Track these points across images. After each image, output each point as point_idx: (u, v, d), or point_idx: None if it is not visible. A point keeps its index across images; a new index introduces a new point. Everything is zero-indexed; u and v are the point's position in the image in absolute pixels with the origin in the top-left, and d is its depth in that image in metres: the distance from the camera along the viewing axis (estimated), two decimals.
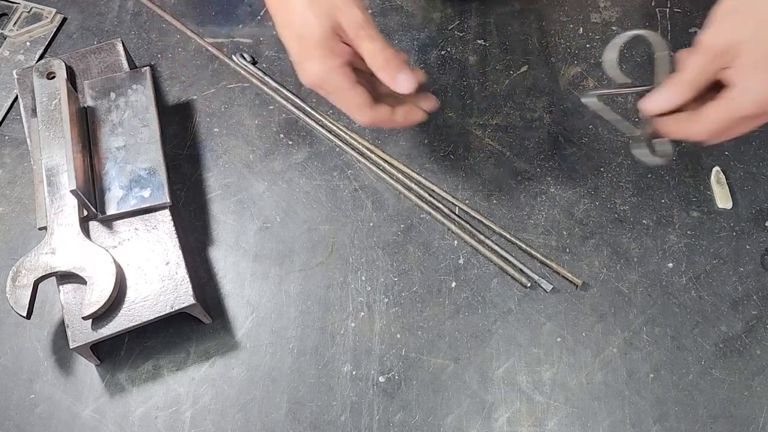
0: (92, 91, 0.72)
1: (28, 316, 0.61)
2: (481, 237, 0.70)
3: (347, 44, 0.59)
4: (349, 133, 0.76)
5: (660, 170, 0.73)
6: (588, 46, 0.81)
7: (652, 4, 0.83)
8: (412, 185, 0.73)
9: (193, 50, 0.83)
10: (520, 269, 0.68)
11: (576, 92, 0.78)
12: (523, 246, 0.70)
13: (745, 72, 0.53)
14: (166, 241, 0.65)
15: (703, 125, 0.55)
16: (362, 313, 0.67)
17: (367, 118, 0.60)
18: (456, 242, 0.70)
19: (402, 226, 0.71)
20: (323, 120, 0.77)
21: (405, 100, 0.63)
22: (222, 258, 0.70)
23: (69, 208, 0.65)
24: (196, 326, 0.67)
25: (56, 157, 0.67)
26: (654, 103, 0.57)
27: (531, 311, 0.67)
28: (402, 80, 0.59)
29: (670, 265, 0.69)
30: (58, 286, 0.64)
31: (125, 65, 0.75)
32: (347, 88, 0.59)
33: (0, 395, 0.64)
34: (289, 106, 0.78)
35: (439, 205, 0.72)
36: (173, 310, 0.62)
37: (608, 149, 0.74)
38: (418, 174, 0.74)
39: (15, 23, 0.84)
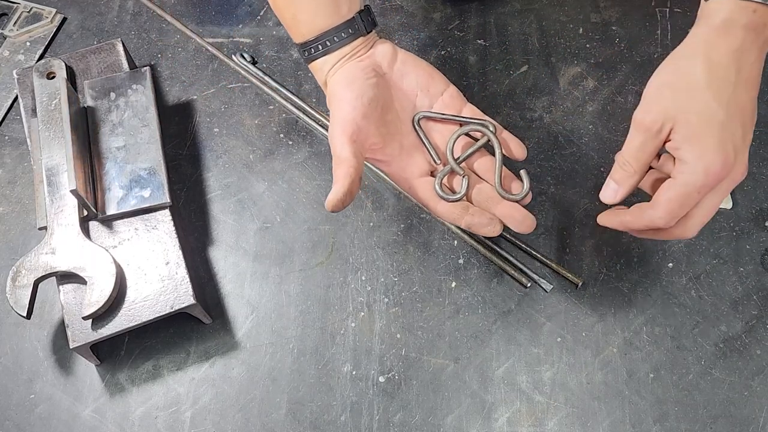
0: (92, 91, 0.72)
1: (28, 316, 0.61)
2: (481, 237, 0.70)
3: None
4: None
5: None
6: (588, 46, 0.81)
7: (652, 4, 0.83)
8: None
9: (193, 50, 0.83)
10: (520, 269, 0.68)
11: (576, 92, 0.78)
12: (523, 246, 0.70)
13: (686, 145, 0.53)
14: (166, 241, 0.65)
15: (662, 208, 0.54)
16: (362, 313, 0.67)
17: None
18: (456, 242, 0.70)
19: (402, 226, 0.71)
20: (323, 120, 0.77)
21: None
22: (222, 258, 0.70)
23: (69, 208, 0.65)
24: (196, 326, 0.67)
25: (56, 157, 0.67)
26: (610, 193, 0.58)
27: (531, 311, 0.67)
28: (328, 200, 0.57)
29: (670, 265, 0.69)
30: (58, 286, 0.64)
31: (125, 65, 0.75)
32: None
33: (0, 395, 0.64)
34: (289, 106, 0.78)
35: None
36: (173, 310, 0.62)
37: (608, 149, 0.74)
38: None
39: (15, 23, 0.84)
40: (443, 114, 0.64)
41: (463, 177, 0.62)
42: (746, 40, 0.52)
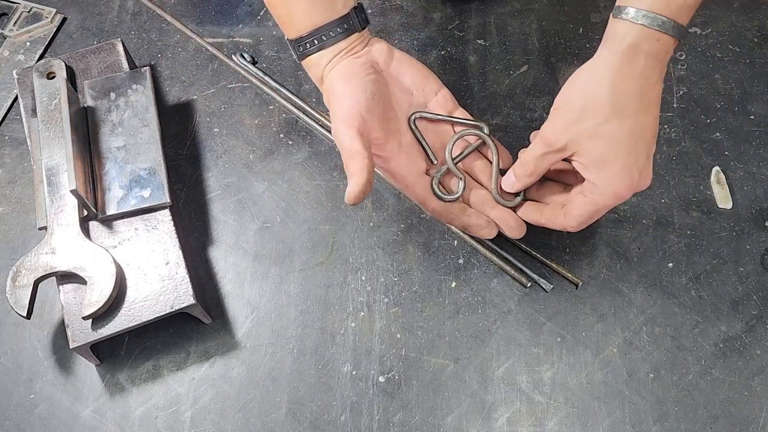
0: (92, 91, 0.72)
1: (28, 316, 0.61)
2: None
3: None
4: None
5: (660, 170, 0.73)
6: (588, 46, 0.81)
7: None
8: None
9: (193, 50, 0.83)
10: (520, 269, 0.68)
11: None
12: (523, 246, 0.69)
13: (594, 169, 0.57)
14: (166, 241, 0.65)
15: (572, 218, 0.60)
16: (362, 313, 0.67)
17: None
18: (456, 242, 0.70)
19: (402, 226, 0.71)
20: (323, 120, 0.77)
21: None
22: (222, 258, 0.70)
23: (69, 208, 0.65)
24: (196, 326, 0.67)
25: (56, 157, 0.67)
26: (508, 183, 0.63)
27: (531, 311, 0.67)
28: (347, 192, 0.58)
29: (670, 265, 0.69)
30: (58, 286, 0.64)
31: (125, 65, 0.75)
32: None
33: (0, 395, 0.64)
34: (289, 106, 0.78)
35: None
36: (173, 310, 0.62)
37: None
38: None
39: (15, 23, 0.84)
40: (438, 114, 0.64)
41: (460, 179, 0.62)
42: (647, 67, 0.55)
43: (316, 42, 0.60)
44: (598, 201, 0.57)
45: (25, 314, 0.61)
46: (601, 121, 0.55)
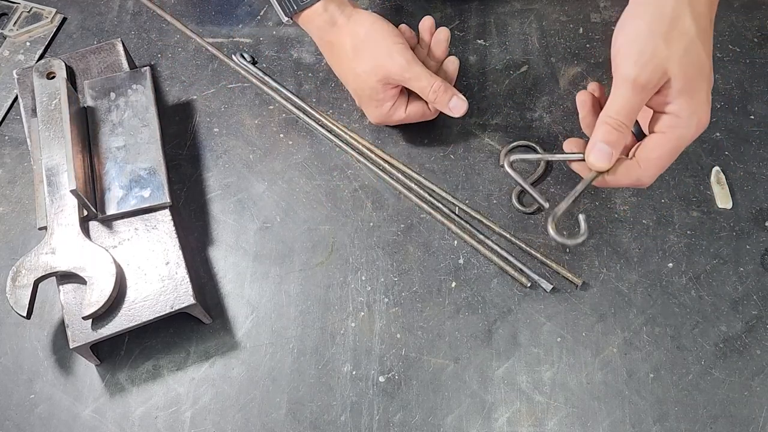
0: (92, 91, 0.72)
1: (28, 316, 0.61)
2: (481, 237, 0.70)
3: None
4: (349, 133, 0.76)
5: None
6: (588, 46, 0.81)
7: None
8: (412, 185, 0.73)
9: (193, 50, 0.83)
10: (520, 269, 0.68)
11: (576, 92, 0.78)
12: (523, 246, 0.70)
13: (680, 99, 0.52)
14: (166, 241, 0.65)
15: (651, 164, 0.54)
16: (362, 313, 0.67)
17: (430, 117, 0.72)
18: (456, 242, 0.70)
19: (402, 226, 0.71)
20: (323, 120, 0.77)
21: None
22: (222, 258, 0.70)
23: (69, 208, 0.65)
24: (196, 326, 0.67)
25: (56, 157, 0.67)
26: (605, 158, 0.55)
27: (531, 311, 0.67)
28: (454, 107, 0.68)
29: (670, 265, 0.69)
30: (58, 286, 0.64)
31: (125, 65, 0.75)
32: (403, 119, 0.71)
33: (0, 395, 0.64)
34: (289, 106, 0.78)
35: (439, 205, 0.72)
36: (173, 310, 0.62)
37: None
38: (418, 174, 0.74)
39: (15, 23, 0.84)
40: (535, 154, 0.65)
41: (580, 212, 0.59)
42: None
43: None
44: (684, 134, 0.53)
45: (25, 314, 0.61)
46: (688, 43, 0.52)
